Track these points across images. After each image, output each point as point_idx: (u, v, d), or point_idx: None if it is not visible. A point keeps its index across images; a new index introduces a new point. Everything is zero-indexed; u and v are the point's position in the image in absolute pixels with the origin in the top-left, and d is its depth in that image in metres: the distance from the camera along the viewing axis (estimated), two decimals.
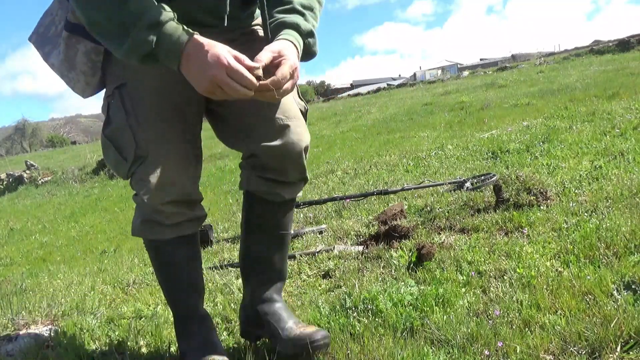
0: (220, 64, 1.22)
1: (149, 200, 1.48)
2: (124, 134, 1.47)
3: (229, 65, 1.23)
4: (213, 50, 1.24)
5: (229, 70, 1.23)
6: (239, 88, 1.24)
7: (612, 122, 5.60)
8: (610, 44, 24.17)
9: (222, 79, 1.23)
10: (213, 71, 1.22)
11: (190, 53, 1.26)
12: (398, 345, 1.79)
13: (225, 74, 1.22)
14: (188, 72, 1.28)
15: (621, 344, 1.55)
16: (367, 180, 5.38)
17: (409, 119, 11.92)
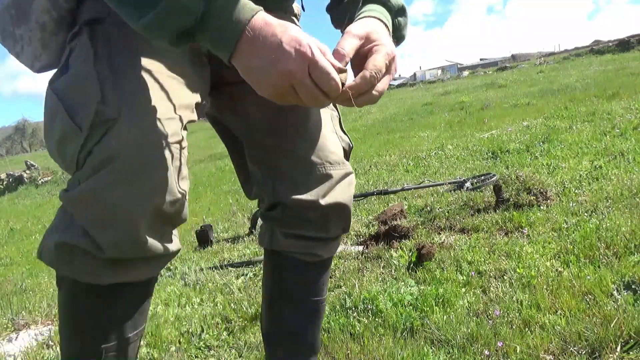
0: (303, 55, 0.79)
1: (120, 201, 0.81)
2: (85, 83, 0.85)
3: (314, 58, 0.79)
4: (290, 33, 0.80)
5: (313, 65, 0.79)
6: (319, 95, 0.81)
7: (612, 122, 5.60)
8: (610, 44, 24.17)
9: (302, 78, 0.80)
10: (291, 64, 0.79)
11: (256, 35, 0.79)
12: (398, 345, 1.79)
13: (307, 71, 0.80)
14: (248, 63, 0.81)
15: (621, 344, 1.55)
16: (367, 180, 5.38)
17: (409, 119, 11.92)
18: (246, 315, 2.39)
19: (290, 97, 0.82)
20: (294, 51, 0.78)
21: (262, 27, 0.79)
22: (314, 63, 0.79)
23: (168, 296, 2.88)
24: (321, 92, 0.81)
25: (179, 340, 2.26)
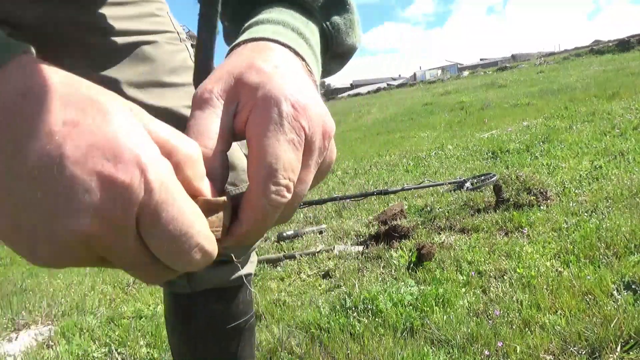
0: (123, 193, 0.31)
1: None
2: None
3: (154, 197, 0.32)
4: (94, 128, 0.31)
5: (152, 212, 0.32)
6: (159, 269, 0.36)
7: (612, 122, 5.60)
8: (610, 44, 24.18)
9: (113, 241, 0.32)
10: (84, 219, 0.30)
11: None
12: (398, 345, 1.79)
13: (133, 224, 0.32)
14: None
15: (621, 344, 1.55)
16: (367, 180, 5.38)
17: (409, 119, 11.93)
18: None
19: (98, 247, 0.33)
20: (98, 183, 0.30)
21: (17, 106, 0.30)
22: (153, 206, 0.32)
23: None
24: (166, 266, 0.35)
25: None
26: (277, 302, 2.47)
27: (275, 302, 2.48)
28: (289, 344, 2.02)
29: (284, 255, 3.13)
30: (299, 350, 1.96)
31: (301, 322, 2.17)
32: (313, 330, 2.07)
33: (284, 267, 2.99)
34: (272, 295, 2.59)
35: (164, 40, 0.87)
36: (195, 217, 0.33)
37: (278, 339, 2.05)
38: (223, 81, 0.40)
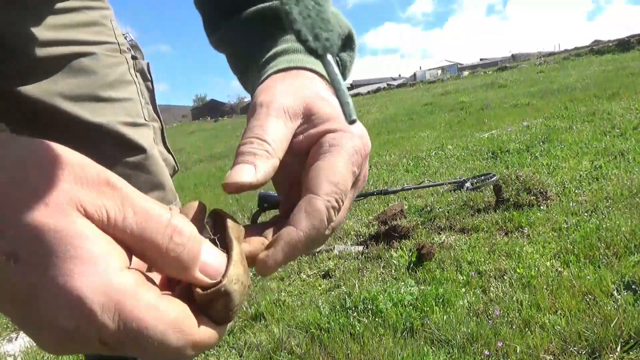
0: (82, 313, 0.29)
1: None
2: None
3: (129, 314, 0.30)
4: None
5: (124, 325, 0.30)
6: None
7: (612, 122, 5.60)
8: (610, 44, 24.20)
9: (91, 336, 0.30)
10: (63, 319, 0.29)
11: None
12: (398, 345, 1.79)
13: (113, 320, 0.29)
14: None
15: (621, 344, 1.55)
16: (367, 180, 5.38)
17: (409, 119, 11.93)
18: (246, 315, 2.39)
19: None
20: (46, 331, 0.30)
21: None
22: (113, 341, 0.30)
23: None
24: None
25: None
26: (277, 302, 2.47)
27: (275, 302, 2.48)
28: (289, 344, 2.02)
29: None
30: (299, 350, 1.96)
31: (301, 322, 2.17)
32: (313, 330, 2.07)
33: (284, 267, 2.99)
34: (272, 295, 2.59)
35: (103, 52, 0.83)
36: (169, 326, 0.30)
37: (278, 339, 2.06)
38: (291, 102, 0.41)
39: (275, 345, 2.02)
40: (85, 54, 0.80)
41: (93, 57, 0.81)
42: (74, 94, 0.78)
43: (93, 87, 0.80)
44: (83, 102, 0.78)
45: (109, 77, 0.82)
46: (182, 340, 0.31)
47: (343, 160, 0.39)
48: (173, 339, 0.30)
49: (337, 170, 0.39)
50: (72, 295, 0.28)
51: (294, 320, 2.21)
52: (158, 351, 0.30)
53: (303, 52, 0.49)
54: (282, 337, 2.05)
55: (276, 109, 0.40)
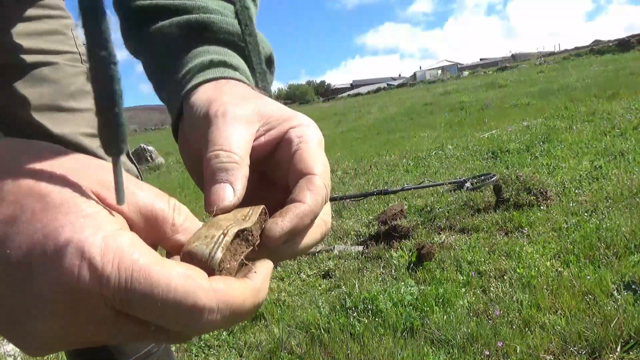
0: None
1: None
2: None
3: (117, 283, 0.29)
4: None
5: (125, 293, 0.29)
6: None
7: (612, 122, 5.60)
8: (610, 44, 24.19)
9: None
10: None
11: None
12: (398, 345, 1.79)
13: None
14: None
15: (621, 344, 1.55)
16: (367, 180, 5.38)
17: (409, 119, 11.93)
18: None
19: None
20: (47, 285, 0.29)
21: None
22: (117, 293, 0.29)
23: None
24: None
25: None
26: (277, 302, 2.47)
27: (275, 302, 2.48)
28: (289, 344, 2.02)
29: None
30: (299, 350, 1.96)
31: (301, 322, 2.17)
32: (313, 330, 2.07)
33: (284, 267, 2.99)
34: (272, 295, 2.59)
35: (64, 62, 0.83)
36: (172, 271, 0.29)
37: (278, 339, 2.06)
38: (242, 106, 0.43)
39: (275, 345, 2.02)
40: (47, 64, 0.80)
41: (54, 66, 0.81)
42: (36, 104, 0.77)
43: (55, 98, 0.79)
44: (45, 112, 0.78)
45: (70, 87, 0.81)
46: (191, 284, 0.29)
47: (316, 147, 0.42)
48: (179, 284, 0.29)
49: (318, 155, 0.42)
50: (73, 242, 0.28)
51: (294, 320, 2.22)
52: (169, 305, 0.29)
53: (225, 64, 0.51)
54: (282, 337, 2.05)
55: (233, 117, 0.42)
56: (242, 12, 0.54)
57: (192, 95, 0.47)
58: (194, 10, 0.55)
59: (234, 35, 0.55)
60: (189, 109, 0.46)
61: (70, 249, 0.28)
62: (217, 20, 0.54)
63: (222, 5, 0.57)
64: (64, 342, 0.30)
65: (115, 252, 0.28)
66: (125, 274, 0.28)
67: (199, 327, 0.30)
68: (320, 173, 0.40)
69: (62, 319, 0.29)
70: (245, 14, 0.55)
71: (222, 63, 0.52)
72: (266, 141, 0.43)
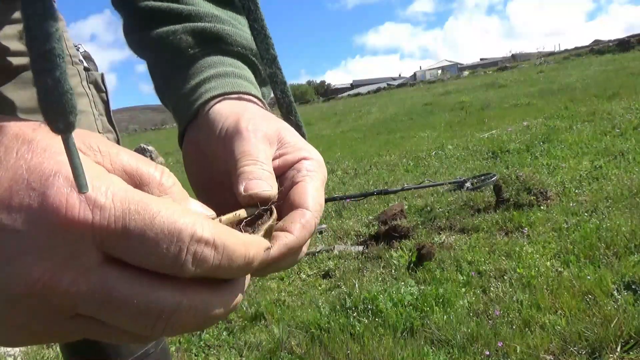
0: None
1: None
2: None
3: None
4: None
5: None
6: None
7: (612, 122, 5.60)
8: (610, 44, 24.19)
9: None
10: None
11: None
12: (398, 345, 1.79)
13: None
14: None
15: (621, 344, 1.55)
16: (367, 180, 5.38)
17: (409, 119, 11.93)
18: (246, 316, 2.39)
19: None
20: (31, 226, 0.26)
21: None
22: (112, 225, 0.27)
23: None
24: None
25: (179, 340, 2.26)
26: (277, 302, 2.47)
27: (275, 302, 2.48)
28: (289, 344, 2.02)
29: None
30: (299, 350, 1.96)
31: (301, 322, 2.17)
32: (313, 330, 2.07)
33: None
34: (272, 295, 2.59)
35: None
36: (177, 223, 0.27)
37: (278, 339, 2.06)
38: (267, 126, 0.45)
39: (275, 345, 2.02)
40: None
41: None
42: (26, 107, 0.76)
43: None
44: (34, 115, 0.76)
45: None
46: (192, 218, 0.28)
47: (320, 186, 0.44)
48: (180, 216, 0.27)
49: (318, 193, 0.43)
50: (62, 172, 0.26)
51: (294, 320, 2.21)
52: (166, 240, 0.26)
53: (242, 77, 0.52)
54: (282, 337, 2.05)
55: (261, 135, 0.43)
56: (258, 23, 0.52)
57: (214, 105, 0.48)
58: (206, 18, 0.55)
59: (246, 49, 0.56)
60: (210, 118, 0.47)
61: (57, 177, 0.25)
62: (231, 32, 0.55)
63: (233, 16, 0.58)
64: (36, 310, 0.26)
65: (107, 184, 0.26)
66: (122, 205, 0.26)
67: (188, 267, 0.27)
68: (314, 211, 0.41)
69: (39, 265, 0.25)
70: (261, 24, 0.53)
71: (241, 77, 0.52)
72: (279, 166, 0.44)
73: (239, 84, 0.51)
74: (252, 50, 0.57)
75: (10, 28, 0.77)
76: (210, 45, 0.54)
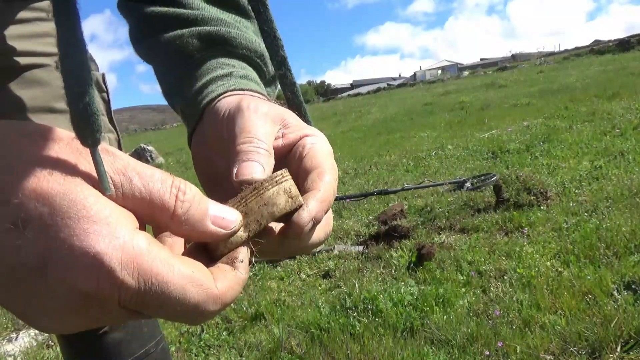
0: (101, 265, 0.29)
1: None
2: None
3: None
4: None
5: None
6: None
7: (612, 122, 5.60)
8: (610, 44, 24.19)
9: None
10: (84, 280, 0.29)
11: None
12: (398, 345, 1.79)
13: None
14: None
15: (621, 344, 1.55)
16: (367, 180, 5.38)
17: (409, 119, 11.93)
18: (246, 316, 2.39)
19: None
20: (65, 291, 0.29)
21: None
22: (135, 300, 0.30)
23: None
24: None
25: (179, 340, 2.26)
26: (277, 302, 2.47)
27: (275, 302, 2.48)
28: (289, 344, 2.02)
29: None
30: (299, 350, 1.96)
31: (301, 322, 2.17)
32: (313, 330, 2.07)
33: (284, 267, 2.99)
34: (272, 295, 2.59)
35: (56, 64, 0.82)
36: (187, 281, 0.31)
37: (278, 339, 2.06)
38: (269, 108, 0.46)
39: (275, 345, 2.02)
40: (38, 66, 0.79)
41: (46, 68, 0.80)
42: (29, 106, 0.77)
43: (47, 99, 0.79)
44: (37, 114, 0.77)
45: (62, 89, 0.80)
46: (202, 294, 0.31)
47: (328, 155, 0.45)
48: (193, 293, 0.31)
49: (328, 159, 0.44)
50: (90, 253, 0.28)
51: (294, 320, 2.22)
52: (181, 308, 0.31)
53: (247, 77, 0.54)
54: (282, 337, 2.05)
55: (263, 113, 0.45)
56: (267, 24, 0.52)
57: (218, 101, 0.49)
58: (212, 22, 0.57)
59: (251, 51, 0.57)
60: (214, 110, 0.48)
61: (89, 260, 0.28)
62: (236, 35, 0.57)
63: (238, 19, 0.59)
64: (73, 328, 0.31)
65: (133, 260, 0.29)
66: (144, 281, 0.29)
67: (195, 321, 0.33)
68: (329, 169, 0.42)
69: (75, 315, 0.29)
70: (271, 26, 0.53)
71: (246, 77, 0.54)
72: (283, 144, 0.45)
73: (244, 83, 0.53)
74: (256, 52, 0.58)
75: (15, 28, 0.77)
76: (216, 48, 0.56)
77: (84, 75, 0.29)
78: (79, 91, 0.29)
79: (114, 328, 0.93)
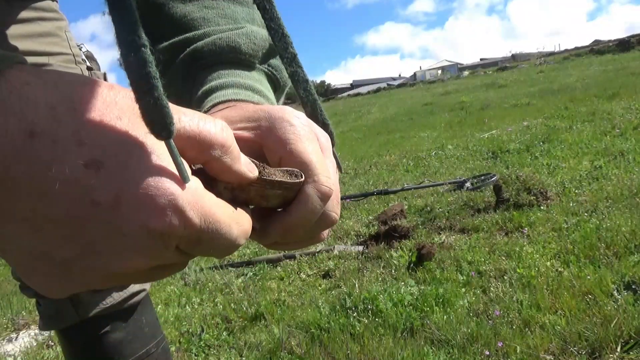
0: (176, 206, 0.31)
1: None
2: None
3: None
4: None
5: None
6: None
7: (612, 122, 5.60)
8: (610, 44, 24.20)
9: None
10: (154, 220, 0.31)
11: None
12: (398, 345, 1.79)
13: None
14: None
15: (621, 344, 1.55)
16: (367, 180, 5.38)
17: (409, 119, 11.93)
18: (246, 315, 2.39)
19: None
20: (134, 229, 0.30)
21: (26, 149, 0.28)
22: (194, 238, 0.33)
23: (168, 296, 2.88)
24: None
25: (179, 340, 2.26)
26: (277, 302, 2.47)
27: (275, 302, 2.48)
28: (289, 344, 2.02)
29: (284, 255, 3.13)
30: (299, 350, 1.96)
31: (301, 322, 2.17)
32: (313, 330, 2.07)
33: (284, 267, 2.99)
34: (272, 295, 2.59)
35: (58, 63, 0.82)
36: (232, 219, 0.35)
37: (278, 339, 2.06)
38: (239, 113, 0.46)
39: (275, 345, 2.02)
40: (40, 65, 0.78)
41: (48, 68, 0.79)
42: None
43: None
44: None
45: None
46: (240, 230, 0.36)
47: (307, 140, 0.44)
48: (235, 231, 0.35)
49: (307, 147, 0.44)
50: (166, 194, 0.30)
51: (294, 320, 2.21)
52: (224, 243, 0.35)
53: (244, 87, 0.55)
54: (282, 337, 2.05)
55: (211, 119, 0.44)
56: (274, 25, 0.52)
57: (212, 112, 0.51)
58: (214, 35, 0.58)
59: (254, 57, 0.59)
60: None
61: (165, 201, 0.30)
62: (243, 42, 0.58)
63: (250, 13, 0.61)
64: (113, 279, 0.33)
65: (197, 201, 0.32)
66: (204, 220, 0.32)
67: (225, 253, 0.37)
68: (311, 152, 0.42)
69: (135, 255, 0.31)
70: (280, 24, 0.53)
71: (241, 86, 0.55)
72: (251, 138, 0.44)
73: (235, 92, 0.53)
74: (259, 59, 0.59)
75: (16, 28, 0.77)
76: (219, 57, 0.57)
77: (149, 70, 0.30)
78: (147, 87, 0.30)
79: (114, 328, 0.93)
